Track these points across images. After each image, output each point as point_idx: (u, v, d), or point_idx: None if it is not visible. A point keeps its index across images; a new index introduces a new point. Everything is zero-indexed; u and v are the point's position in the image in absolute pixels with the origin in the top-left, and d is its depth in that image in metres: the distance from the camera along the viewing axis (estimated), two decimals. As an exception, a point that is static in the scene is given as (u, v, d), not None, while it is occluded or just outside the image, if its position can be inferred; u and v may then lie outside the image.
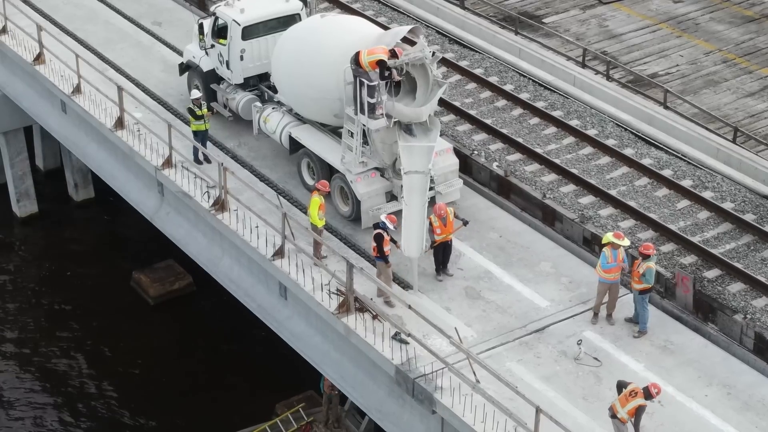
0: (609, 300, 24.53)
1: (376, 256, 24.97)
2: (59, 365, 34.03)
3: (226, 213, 27.53)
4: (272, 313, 27.26)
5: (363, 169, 27.04)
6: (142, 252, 37.02)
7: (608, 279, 24.24)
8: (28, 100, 35.52)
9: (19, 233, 39.34)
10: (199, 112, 29.29)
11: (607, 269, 24.14)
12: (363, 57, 25.77)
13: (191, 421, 31.83)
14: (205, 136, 29.80)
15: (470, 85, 32.87)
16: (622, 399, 21.21)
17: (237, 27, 29.86)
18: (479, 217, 27.71)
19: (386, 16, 36.53)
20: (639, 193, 28.20)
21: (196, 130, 29.51)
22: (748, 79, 33.55)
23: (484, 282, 25.79)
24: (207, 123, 29.55)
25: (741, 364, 23.63)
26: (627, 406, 21.08)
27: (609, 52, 34.69)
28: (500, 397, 21.53)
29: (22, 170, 38.82)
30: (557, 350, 23.90)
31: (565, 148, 30.04)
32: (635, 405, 21.03)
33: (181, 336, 34.72)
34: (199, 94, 29.75)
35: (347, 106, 26.74)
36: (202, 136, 29.59)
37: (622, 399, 21.21)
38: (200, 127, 29.44)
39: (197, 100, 29.41)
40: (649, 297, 24.24)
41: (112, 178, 32.47)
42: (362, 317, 24.33)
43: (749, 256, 26.03)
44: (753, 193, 28.16)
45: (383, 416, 24.66)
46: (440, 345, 23.27)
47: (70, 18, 36.71)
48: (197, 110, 29.31)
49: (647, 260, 23.94)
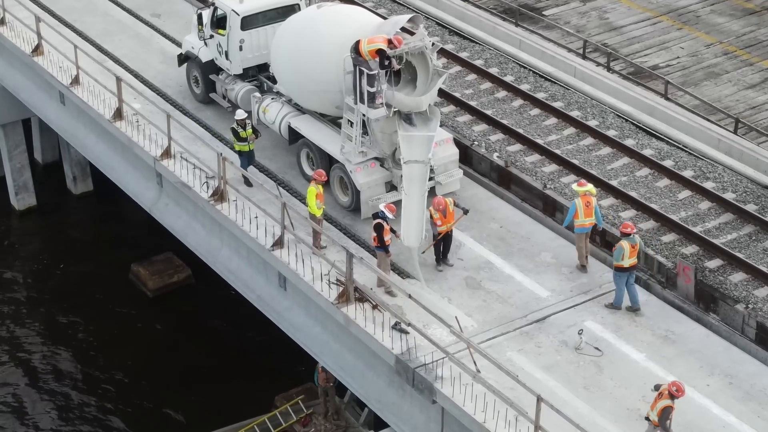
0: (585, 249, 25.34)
1: (377, 245, 24.85)
2: (57, 358, 33.92)
3: (225, 203, 27.41)
4: (271, 304, 27.15)
5: (362, 159, 26.92)
6: (141, 245, 36.92)
7: (584, 228, 25.22)
8: (26, 92, 35.40)
9: (17, 226, 39.24)
10: (243, 133, 27.95)
11: (581, 220, 25.19)
12: (363, 46, 25.65)
13: (190, 413, 31.75)
14: (251, 157, 28.49)
15: (470, 76, 32.76)
16: (654, 401, 20.89)
17: (236, 17, 29.75)
18: (480, 207, 27.60)
19: (386, 7, 36.42)
20: (640, 184, 28.10)
21: (240, 151, 28.30)
22: (749, 71, 33.50)
23: (485, 272, 25.68)
24: (251, 144, 28.22)
25: (743, 354, 23.54)
26: (655, 408, 20.78)
27: (610, 45, 34.59)
28: (501, 387, 21.41)
29: (21, 163, 38.72)
30: (558, 340, 23.79)
31: (565, 138, 29.93)
32: (662, 406, 20.70)
33: (179, 329, 34.62)
34: (245, 115, 28.21)
35: (347, 96, 26.62)
36: (247, 157, 28.35)
37: (654, 401, 20.89)
38: (244, 148, 28.16)
39: (242, 121, 28.01)
40: (627, 277, 24.34)
41: (110, 169, 32.36)
42: (362, 307, 24.21)
43: (751, 246, 25.94)
44: (754, 183, 28.07)
45: (383, 406, 24.54)
46: (440, 335, 23.17)
47: (68, 9, 36.58)
48: (241, 131, 27.98)
49: (626, 239, 24.15)
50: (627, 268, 24.36)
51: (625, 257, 24.22)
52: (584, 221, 25.26)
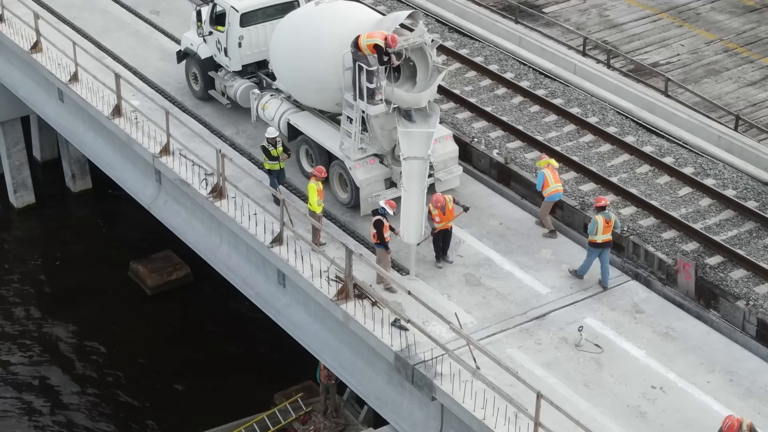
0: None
1: (377, 242, 24.77)
2: (57, 356, 33.83)
3: (224, 200, 27.34)
4: (270, 301, 27.08)
5: (362, 155, 26.85)
6: (140, 242, 36.83)
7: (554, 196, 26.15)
8: (25, 89, 35.31)
9: (16, 224, 39.14)
10: (274, 152, 27.11)
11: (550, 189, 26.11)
12: (362, 40, 25.58)
13: (189, 411, 31.65)
14: (281, 176, 27.62)
15: (470, 73, 32.69)
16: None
17: (235, 13, 29.68)
18: (479, 204, 27.53)
19: (386, 5, 36.34)
20: (640, 181, 28.02)
21: (270, 170, 27.44)
22: (750, 68, 33.39)
23: (485, 269, 25.62)
24: (282, 163, 27.38)
25: (743, 351, 23.49)
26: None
27: (610, 42, 34.50)
28: (501, 384, 21.35)
29: (19, 161, 38.63)
30: (558, 337, 23.73)
31: (565, 135, 29.86)
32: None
33: (178, 326, 34.52)
34: (276, 133, 27.33)
35: (346, 92, 26.54)
36: (276, 175, 27.51)
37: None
38: (274, 166, 27.25)
39: (273, 139, 27.13)
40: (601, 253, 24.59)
41: (109, 166, 32.29)
42: (361, 304, 24.15)
43: (751, 242, 25.87)
44: (755, 180, 27.99)
45: (382, 404, 24.47)
46: (440, 331, 23.13)
47: (67, 6, 36.50)
48: (272, 150, 27.14)
49: (601, 213, 24.41)
50: (600, 244, 24.55)
51: (599, 232, 24.42)
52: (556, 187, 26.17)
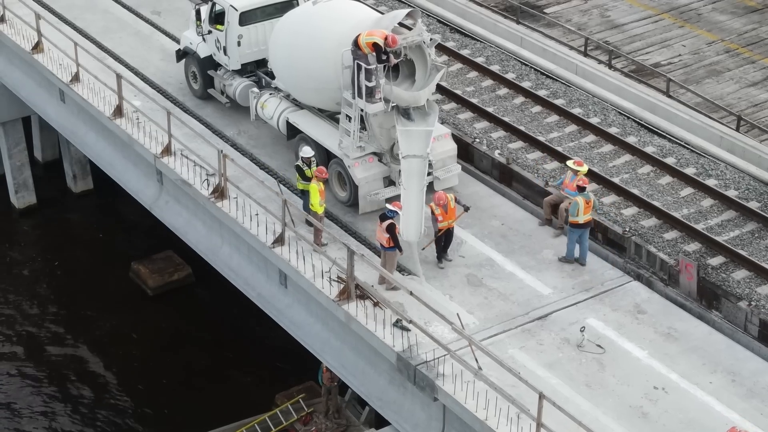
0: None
1: (389, 246, 24.61)
2: (57, 356, 33.82)
3: (226, 201, 27.30)
4: (272, 302, 27.04)
5: (361, 153, 26.83)
6: (141, 243, 36.83)
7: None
8: (26, 90, 35.29)
9: (17, 225, 39.13)
10: (308, 172, 26.30)
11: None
12: (362, 38, 25.54)
13: (190, 412, 31.61)
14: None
15: (472, 74, 32.66)
16: None
17: (234, 12, 29.66)
18: (481, 204, 27.50)
19: (387, 5, 36.31)
20: (642, 181, 27.99)
21: (304, 190, 26.56)
22: (751, 69, 33.37)
23: (486, 269, 25.58)
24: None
25: (745, 351, 23.44)
26: None
27: (611, 42, 34.47)
28: (503, 384, 21.30)
29: (21, 161, 38.60)
30: (560, 337, 23.68)
31: (567, 136, 29.83)
32: None
33: (180, 327, 34.51)
34: (311, 153, 26.56)
35: (345, 91, 26.50)
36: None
37: None
38: (307, 187, 26.20)
39: (308, 159, 26.46)
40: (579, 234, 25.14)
41: (110, 167, 32.26)
42: (363, 304, 24.11)
43: (753, 243, 25.83)
44: (757, 180, 27.96)
45: (384, 404, 24.43)
46: (442, 332, 23.09)
47: (68, 7, 36.49)
48: (306, 170, 26.42)
49: (581, 194, 24.98)
50: (582, 225, 25.06)
51: (580, 213, 24.91)
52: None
